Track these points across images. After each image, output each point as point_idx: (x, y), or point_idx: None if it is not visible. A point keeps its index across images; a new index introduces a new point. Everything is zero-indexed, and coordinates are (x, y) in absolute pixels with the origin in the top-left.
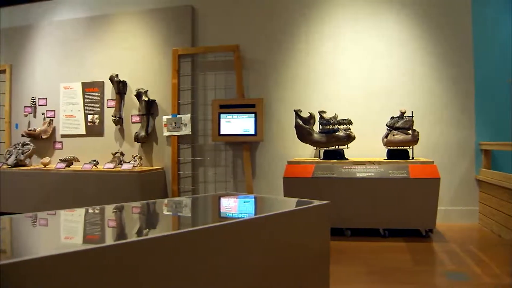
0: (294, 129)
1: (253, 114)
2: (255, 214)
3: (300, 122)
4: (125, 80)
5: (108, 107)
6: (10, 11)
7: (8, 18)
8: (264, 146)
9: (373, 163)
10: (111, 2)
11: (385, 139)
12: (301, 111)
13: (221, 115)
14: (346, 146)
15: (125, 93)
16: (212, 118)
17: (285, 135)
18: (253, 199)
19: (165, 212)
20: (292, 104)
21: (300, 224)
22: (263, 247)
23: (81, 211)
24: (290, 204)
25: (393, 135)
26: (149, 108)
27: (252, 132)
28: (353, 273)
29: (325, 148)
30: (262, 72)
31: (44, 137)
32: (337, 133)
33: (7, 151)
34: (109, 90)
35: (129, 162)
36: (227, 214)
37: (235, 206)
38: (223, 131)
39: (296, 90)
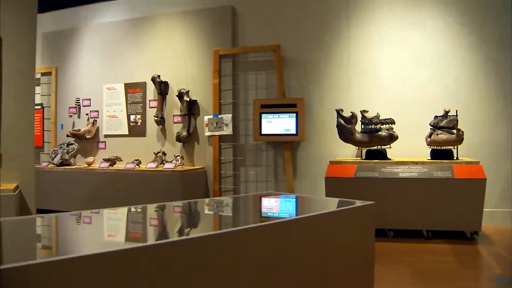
0: (336, 128)
1: (294, 114)
2: (299, 214)
3: (342, 121)
4: (166, 80)
5: (150, 108)
6: (55, 15)
7: (54, 22)
8: (305, 146)
9: (416, 163)
10: (152, 4)
11: (428, 139)
12: (342, 110)
13: (262, 115)
14: (388, 146)
15: (167, 94)
16: (253, 117)
17: (326, 134)
18: (297, 199)
19: (206, 212)
20: (333, 103)
21: (345, 224)
22: (308, 247)
23: (123, 210)
24: (333, 204)
25: (437, 134)
26: (191, 108)
27: (293, 131)
28: (396, 275)
29: (367, 148)
30: (303, 71)
31: (88, 137)
32: (379, 133)
33: (53, 150)
34: (151, 91)
35: (171, 161)
36: (271, 214)
37: (279, 206)
38: (264, 130)
39: (338, 89)
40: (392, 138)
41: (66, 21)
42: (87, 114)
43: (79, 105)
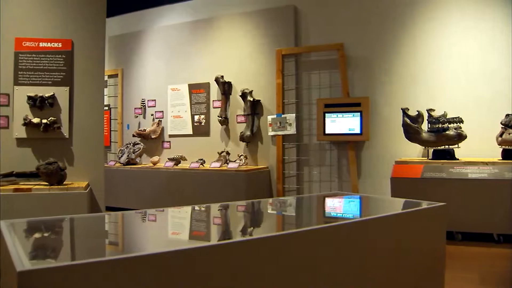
0: (401, 128)
1: (359, 113)
2: (368, 215)
3: (408, 120)
4: (230, 81)
5: (214, 108)
6: (121, 19)
7: (119, 26)
8: (370, 146)
9: (486, 163)
10: (215, 6)
11: (499, 138)
12: (408, 109)
13: (326, 114)
14: (456, 146)
15: (230, 94)
16: (317, 117)
17: (391, 134)
18: (365, 200)
19: (270, 212)
20: (398, 102)
21: (417, 226)
22: (377, 250)
23: (187, 209)
24: (402, 205)
25: (509, 133)
26: (254, 108)
27: (358, 131)
28: (465, 280)
29: (434, 148)
30: (367, 70)
31: (153, 137)
32: (447, 132)
33: (120, 150)
34: (214, 91)
35: (234, 161)
36: (338, 214)
37: (348, 206)
38: (328, 130)
39: (403, 88)
40: (461, 137)
41: (131, 24)
42: (152, 115)
43: (145, 105)
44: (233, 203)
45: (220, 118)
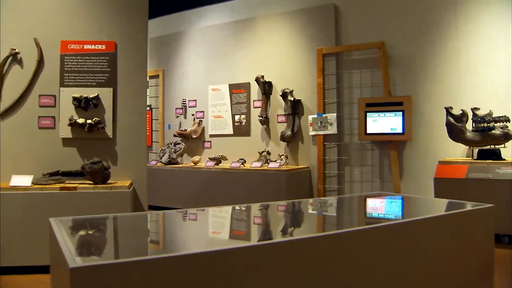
0: (445, 127)
1: (401, 112)
2: (412, 216)
3: (452, 120)
4: (270, 81)
5: (254, 108)
6: (162, 20)
7: (160, 27)
8: (412, 145)
9: None
10: (254, 6)
11: None
12: (452, 108)
13: (368, 114)
14: (502, 146)
15: (271, 94)
16: (358, 116)
17: (435, 134)
18: (407, 200)
19: (311, 212)
20: (442, 101)
21: (464, 228)
22: (422, 252)
23: (228, 208)
24: (446, 206)
25: None
26: (295, 108)
27: (400, 130)
28: None
29: (479, 148)
30: (409, 68)
31: (194, 136)
32: (493, 132)
33: (161, 150)
34: (255, 91)
35: (275, 161)
36: (382, 215)
37: (390, 207)
38: (369, 130)
39: (446, 87)
40: (507, 137)
41: (172, 25)
42: (193, 115)
43: (185, 106)
44: (273, 203)
45: (261, 118)
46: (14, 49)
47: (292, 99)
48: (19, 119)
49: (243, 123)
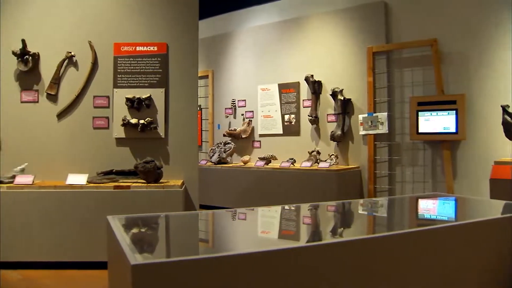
0: (501, 126)
1: (454, 111)
2: (467, 218)
3: (508, 118)
4: (320, 80)
5: (304, 107)
6: (211, 21)
7: (210, 28)
8: (466, 145)
9: None
10: (303, 5)
11: None
12: (509, 106)
13: (419, 113)
14: None
15: (320, 93)
16: (410, 115)
17: (490, 133)
18: (461, 202)
19: (362, 213)
20: (497, 99)
21: None
22: (479, 253)
23: (277, 208)
24: (503, 208)
25: None
26: (345, 107)
27: (453, 130)
28: None
29: None
30: (462, 66)
31: (243, 136)
32: None
33: (211, 149)
34: (304, 91)
35: (325, 160)
36: (435, 216)
37: (443, 208)
38: (421, 129)
39: (502, 84)
40: None
41: (221, 26)
42: (242, 115)
43: (235, 106)
44: (323, 203)
45: (311, 118)
46: (70, 52)
47: (342, 98)
48: (75, 120)
49: (292, 123)
